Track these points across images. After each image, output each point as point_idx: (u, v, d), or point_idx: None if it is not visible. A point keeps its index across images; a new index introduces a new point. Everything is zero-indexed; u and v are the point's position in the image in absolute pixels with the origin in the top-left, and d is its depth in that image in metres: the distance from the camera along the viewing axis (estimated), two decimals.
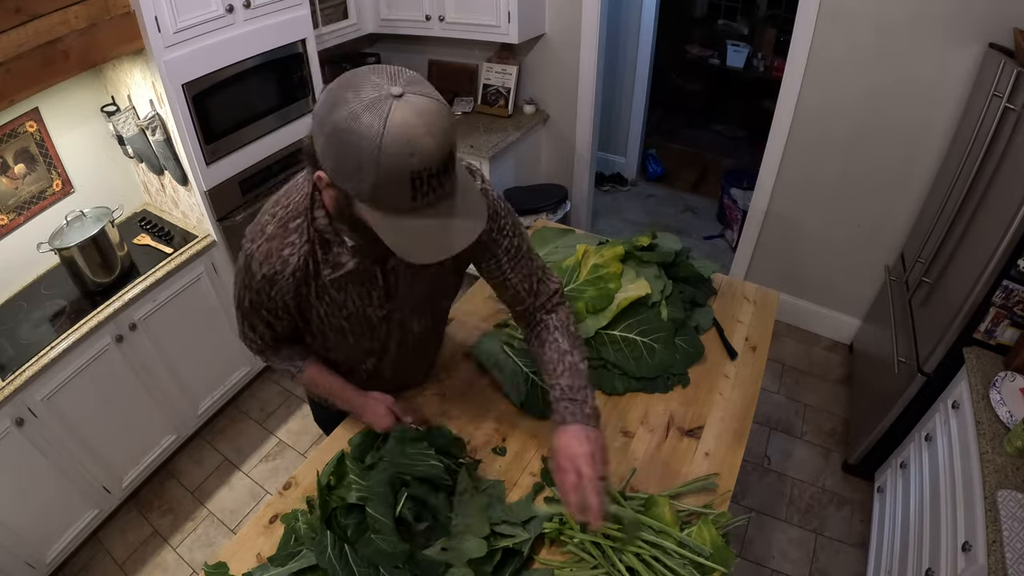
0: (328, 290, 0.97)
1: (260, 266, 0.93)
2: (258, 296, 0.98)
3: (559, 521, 1.06)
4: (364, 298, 1.01)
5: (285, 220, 0.91)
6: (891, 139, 2.26)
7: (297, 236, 0.90)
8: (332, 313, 1.02)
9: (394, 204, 0.71)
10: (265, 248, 0.92)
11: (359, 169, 0.68)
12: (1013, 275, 1.56)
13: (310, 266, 0.93)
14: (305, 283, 0.95)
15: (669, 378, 1.37)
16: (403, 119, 0.65)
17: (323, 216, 0.89)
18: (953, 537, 1.37)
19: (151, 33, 1.76)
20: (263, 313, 1.02)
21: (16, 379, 1.68)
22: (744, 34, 4.30)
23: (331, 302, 1.00)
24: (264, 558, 1.04)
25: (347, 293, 0.99)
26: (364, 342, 1.12)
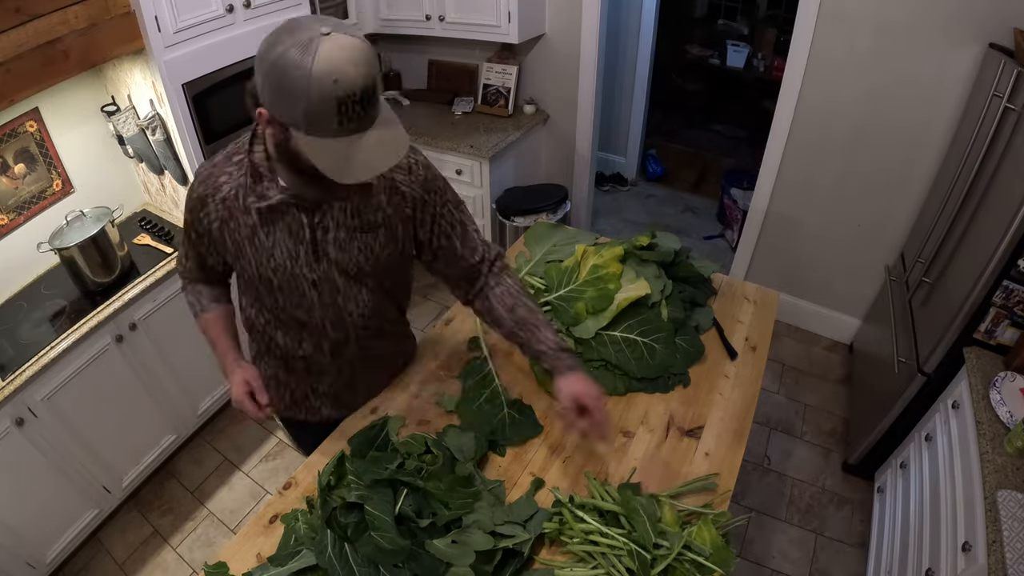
0: (256, 232, 1.01)
1: (197, 186, 1.03)
2: (190, 215, 1.06)
3: (559, 521, 1.06)
4: (292, 251, 1.02)
5: (231, 153, 1.02)
6: (891, 139, 2.26)
7: (235, 168, 1.00)
8: (260, 260, 1.03)
9: (323, 128, 0.79)
10: (206, 172, 1.02)
11: (292, 98, 0.77)
12: (1013, 275, 1.56)
13: (239, 197, 0.99)
14: (232, 217, 1.01)
15: (669, 378, 1.37)
16: (328, 52, 0.75)
17: (261, 151, 0.97)
18: (953, 537, 1.37)
19: (151, 33, 1.76)
20: (192, 236, 1.10)
21: (16, 379, 1.68)
22: (744, 34, 4.30)
23: (260, 246, 1.02)
24: (264, 558, 1.04)
25: (275, 239, 1.01)
26: (295, 309, 1.10)
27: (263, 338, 1.21)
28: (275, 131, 0.86)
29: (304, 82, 0.75)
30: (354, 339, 1.18)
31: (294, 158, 0.88)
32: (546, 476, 1.19)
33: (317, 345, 1.16)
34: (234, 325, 1.23)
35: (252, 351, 1.30)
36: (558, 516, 1.07)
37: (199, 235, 1.08)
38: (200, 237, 1.09)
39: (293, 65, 0.75)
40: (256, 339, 1.25)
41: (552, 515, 1.07)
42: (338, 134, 0.80)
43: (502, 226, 2.94)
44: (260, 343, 1.24)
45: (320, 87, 0.75)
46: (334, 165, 0.81)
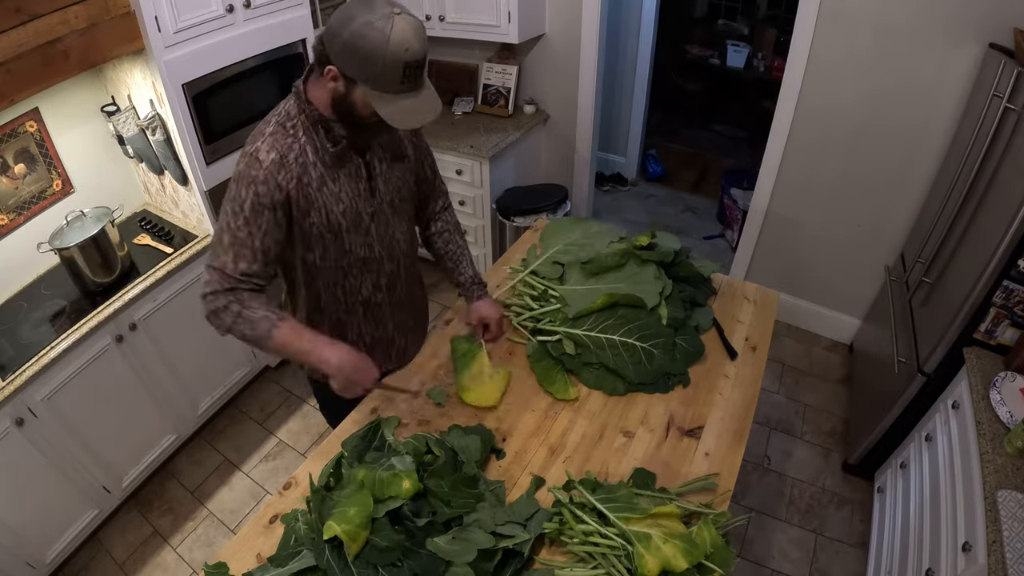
0: (326, 180, 1.13)
1: (267, 153, 1.08)
2: (265, 187, 1.07)
3: (559, 521, 1.06)
4: (354, 189, 1.18)
5: (281, 122, 1.11)
6: (891, 139, 2.26)
7: (294, 131, 1.10)
8: (331, 207, 1.15)
9: (388, 85, 0.99)
10: (269, 140, 1.09)
11: (370, 60, 0.96)
12: (1013, 275, 1.56)
13: (309, 154, 1.11)
14: (306, 172, 1.11)
15: (669, 378, 1.37)
16: (402, 27, 0.95)
17: (315, 111, 1.09)
18: (953, 537, 1.37)
19: (151, 33, 1.76)
20: (264, 214, 1.08)
21: (16, 379, 1.68)
22: (744, 34, 4.30)
23: (329, 193, 1.14)
24: (264, 558, 1.05)
25: (341, 184, 1.15)
26: (359, 248, 1.23)
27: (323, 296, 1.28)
28: (337, 86, 1.02)
29: (384, 49, 0.94)
30: (402, 271, 1.35)
31: (350, 109, 1.05)
32: (546, 476, 1.19)
33: (376, 283, 1.31)
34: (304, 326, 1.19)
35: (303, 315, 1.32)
36: (558, 516, 1.07)
37: (273, 206, 1.08)
38: (274, 208, 1.09)
39: (375, 35, 0.94)
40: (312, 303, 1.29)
41: (552, 515, 1.08)
42: (398, 91, 1.00)
43: (502, 226, 2.94)
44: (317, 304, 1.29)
45: (395, 52, 0.95)
46: (394, 114, 1.01)
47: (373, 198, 1.21)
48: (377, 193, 1.22)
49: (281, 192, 1.09)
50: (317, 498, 1.05)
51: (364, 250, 1.24)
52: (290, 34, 2.16)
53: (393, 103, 1.00)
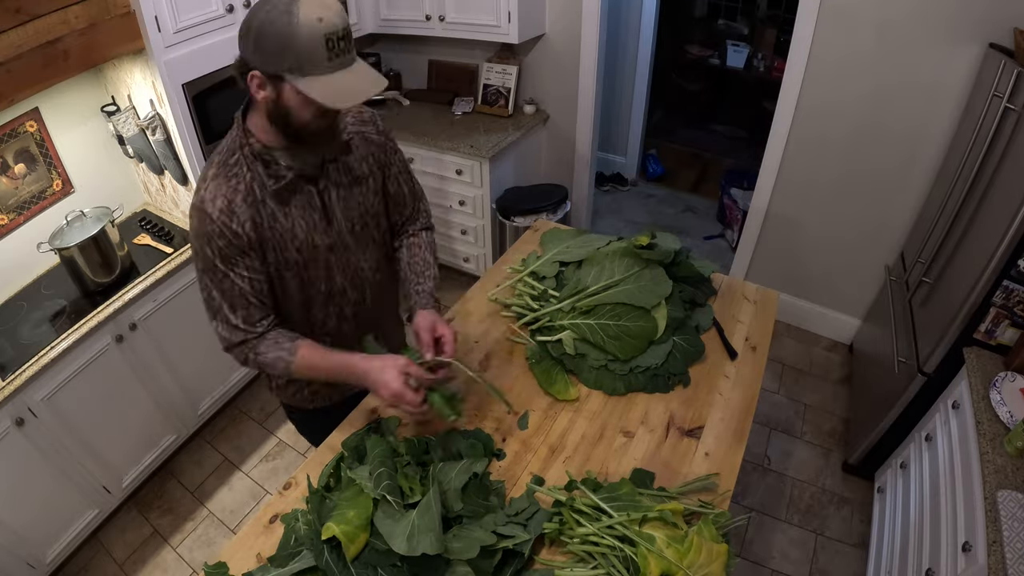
0: (277, 217, 1.06)
1: (213, 203, 1.01)
2: (223, 239, 1.02)
3: (559, 521, 1.06)
4: (308, 222, 1.10)
5: (223, 160, 1.04)
6: (891, 139, 2.26)
7: (238, 168, 1.03)
8: (285, 244, 1.08)
9: (316, 64, 0.89)
10: (212, 187, 1.02)
11: (284, 45, 0.88)
12: (1013, 275, 1.56)
13: (256, 191, 1.03)
14: (257, 212, 1.04)
15: (669, 378, 1.37)
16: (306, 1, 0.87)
17: (256, 142, 1.03)
18: (953, 537, 1.37)
19: (151, 33, 1.76)
20: (236, 261, 1.04)
21: (16, 379, 1.68)
22: (744, 34, 4.30)
23: (282, 231, 1.07)
24: (264, 558, 1.04)
25: (293, 218, 1.08)
26: (319, 282, 1.16)
27: (292, 327, 1.22)
28: (267, 93, 0.94)
29: (295, 27, 0.86)
30: (370, 297, 1.28)
31: (287, 115, 0.96)
32: (546, 476, 1.19)
33: (341, 314, 1.24)
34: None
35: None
36: (558, 516, 1.07)
37: (242, 252, 1.03)
38: (244, 253, 1.04)
39: (281, 17, 0.86)
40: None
41: (552, 515, 1.07)
42: (328, 69, 0.90)
43: (502, 226, 2.94)
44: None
45: (309, 28, 0.86)
46: (330, 95, 0.91)
47: (330, 227, 1.13)
48: (334, 222, 1.13)
49: (240, 238, 1.02)
50: (316, 499, 1.05)
51: (324, 284, 1.17)
52: None
53: (326, 83, 0.90)
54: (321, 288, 1.18)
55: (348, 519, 0.99)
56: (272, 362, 1.11)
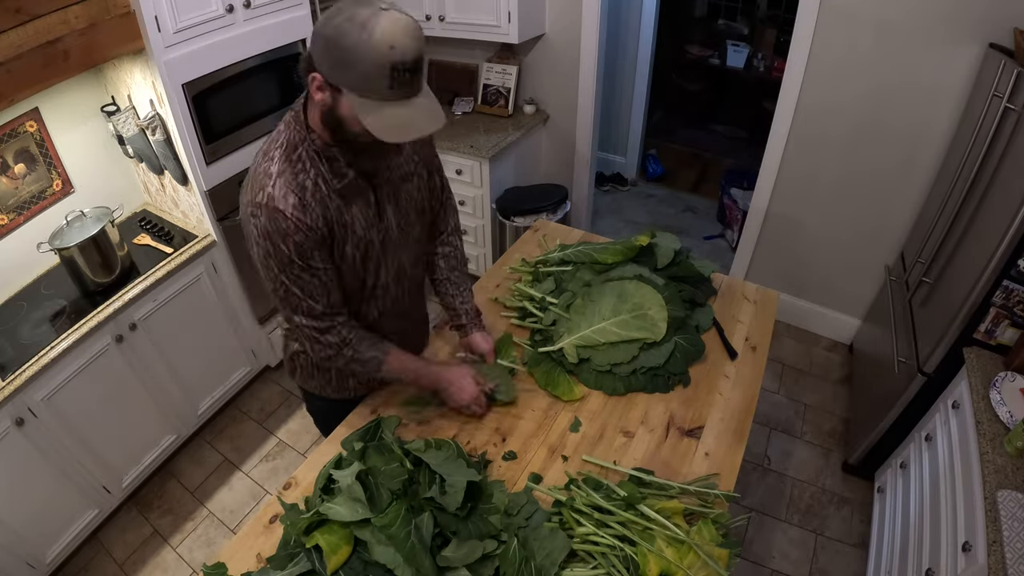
0: (342, 214, 1.05)
1: (285, 200, 0.98)
2: (300, 235, 1.00)
3: (559, 521, 1.06)
4: (365, 219, 1.09)
5: (286, 154, 1.00)
6: (891, 139, 2.26)
7: (302, 164, 1.01)
8: (345, 240, 1.08)
9: (376, 90, 0.87)
10: (281, 183, 0.99)
11: (350, 60, 0.85)
12: (1013, 275, 1.56)
13: (321, 187, 1.02)
14: (325, 207, 1.03)
15: (669, 377, 1.37)
16: (387, 22, 0.84)
17: (318, 138, 1.00)
18: (953, 537, 1.37)
19: (151, 33, 1.76)
20: (313, 255, 1.03)
21: (16, 379, 1.68)
22: (744, 34, 4.30)
23: (345, 227, 1.07)
24: (264, 558, 1.04)
25: (353, 214, 1.07)
26: (369, 275, 1.17)
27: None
28: (324, 96, 0.92)
29: (365, 46, 0.83)
30: (407, 295, 1.29)
31: (339, 123, 0.94)
32: (546, 476, 1.19)
33: (383, 308, 1.25)
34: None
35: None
36: (558, 516, 1.07)
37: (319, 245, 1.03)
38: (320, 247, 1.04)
39: (356, 31, 0.83)
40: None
41: (552, 515, 1.08)
42: (388, 97, 0.88)
43: (502, 226, 2.93)
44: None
45: (378, 51, 0.83)
46: (380, 125, 0.89)
47: (381, 223, 1.13)
48: (385, 218, 1.13)
49: (316, 232, 1.02)
50: (295, 514, 1.05)
51: (372, 278, 1.18)
52: (290, 34, 2.16)
53: (380, 112, 0.88)
54: (368, 283, 1.19)
55: (335, 529, 0.99)
56: (367, 360, 1.17)
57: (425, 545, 0.98)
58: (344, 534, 0.99)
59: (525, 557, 0.99)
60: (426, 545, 0.98)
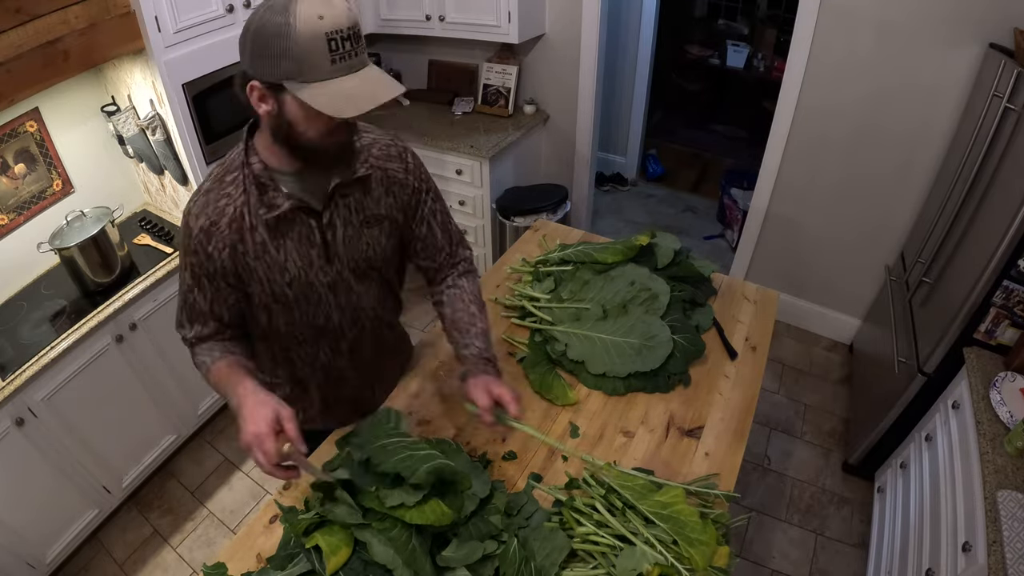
0: (267, 248, 0.98)
1: (196, 219, 0.96)
2: (196, 257, 0.98)
3: (559, 522, 1.06)
4: (305, 259, 1.01)
5: (221, 175, 0.97)
6: (891, 139, 2.26)
7: (233, 188, 0.96)
8: (273, 277, 1.01)
9: (317, 69, 0.79)
10: (202, 201, 0.96)
11: (282, 48, 0.78)
12: (1013, 275, 1.56)
13: (246, 217, 0.96)
14: (241, 239, 0.97)
15: (669, 377, 1.37)
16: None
17: (258, 162, 0.95)
18: (953, 537, 1.37)
19: (151, 33, 1.76)
20: (203, 282, 1.01)
21: (16, 379, 1.68)
22: (744, 34, 4.30)
23: (271, 263, 1.00)
24: (264, 558, 1.04)
25: (286, 251, 1.00)
26: (313, 319, 1.09)
27: (277, 360, 1.19)
28: (269, 106, 0.86)
29: (291, 27, 0.77)
30: (369, 332, 1.19)
31: (289, 130, 0.87)
32: (546, 476, 1.19)
33: (335, 348, 1.17)
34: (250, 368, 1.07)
35: (267, 369, 1.24)
36: (558, 516, 1.07)
37: (210, 276, 1.00)
38: (210, 278, 1.00)
39: (278, 16, 0.77)
40: (267, 362, 1.21)
41: (552, 515, 1.08)
42: (332, 74, 0.80)
43: (502, 226, 2.93)
44: (273, 368, 1.22)
45: (307, 26, 0.77)
46: (334, 103, 0.80)
47: (330, 266, 1.04)
48: (336, 260, 1.04)
49: (214, 263, 0.97)
50: (293, 516, 1.04)
51: (321, 319, 1.10)
52: None
53: (330, 89, 0.80)
54: (317, 323, 1.11)
55: (335, 530, 0.99)
56: (198, 364, 1.07)
57: (425, 546, 0.98)
58: (344, 535, 0.99)
59: (525, 557, 0.99)
60: (426, 546, 0.98)
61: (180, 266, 1.03)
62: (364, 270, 1.09)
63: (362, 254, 1.07)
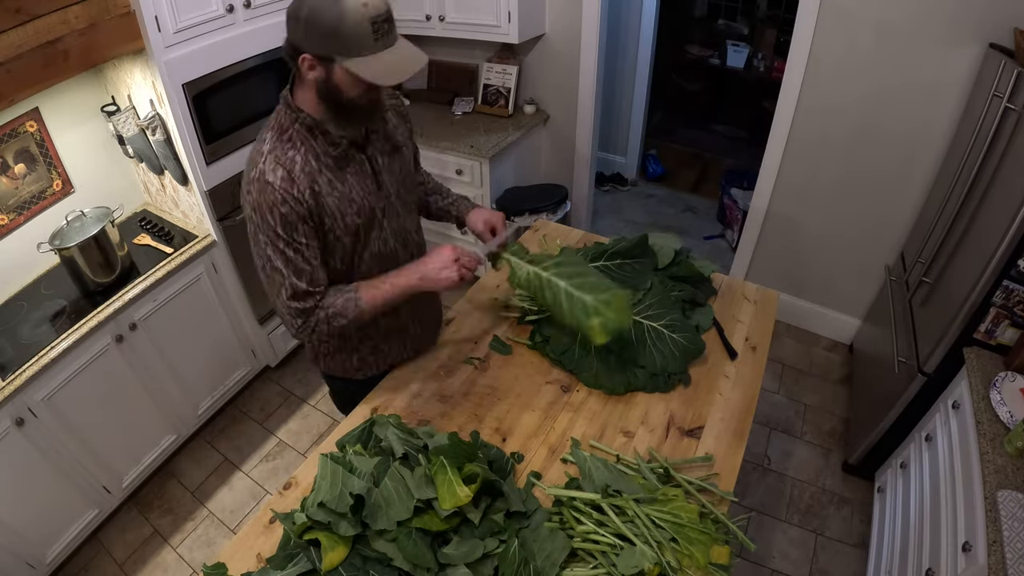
0: (335, 184, 1.12)
1: (274, 173, 1.06)
2: (285, 206, 1.06)
3: (559, 521, 1.06)
4: (364, 187, 1.17)
5: (277, 135, 1.09)
6: (891, 139, 2.26)
7: (292, 143, 1.09)
8: (345, 210, 1.14)
9: (363, 46, 0.97)
10: (271, 159, 1.07)
11: (334, 31, 0.95)
12: (1013, 275, 1.56)
13: (312, 162, 1.09)
14: (315, 180, 1.10)
15: (669, 377, 1.37)
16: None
17: (307, 117, 1.08)
18: (953, 537, 1.37)
19: (151, 33, 1.76)
20: (297, 228, 1.08)
21: (16, 379, 1.68)
22: (744, 34, 4.30)
23: (341, 196, 1.13)
24: (264, 558, 1.04)
25: (349, 184, 1.15)
26: (375, 244, 1.23)
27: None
28: (317, 73, 1.01)
29: (342, 14, 0.93)
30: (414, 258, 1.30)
31: (337, 94, 1.03)
32: (546, 476, 1.19)
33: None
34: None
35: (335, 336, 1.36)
36: (558, 516, 1.07)
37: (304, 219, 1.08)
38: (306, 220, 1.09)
39: (329, 4, 0.94)
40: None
41: (552, 515, 1.08)
42: (376, 49, 0.97)
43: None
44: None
45: (356, 13, 0.94)
46: (378, 72, 0.99)
47: (380, 191, 1.21)
48: (384, 187, 1.22)
49: (302, 205, 1.08)
50: (290, 521, 1.04)
51: (380, 245, 1.24)
52: None
53: (374, 62, 0.98)
54: (376, 250, 1.24)
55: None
56: (343, 307, 1.17)
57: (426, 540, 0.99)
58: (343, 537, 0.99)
59: (524, 558, 0.99)
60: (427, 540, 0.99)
61: (265, 233, 1.08)
62: (402, 193, 1.27)
63: (396, 178, 1.24)
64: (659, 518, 1.03)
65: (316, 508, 0.99)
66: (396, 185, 1.24)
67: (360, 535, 1.00)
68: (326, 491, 1.00)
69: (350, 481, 1.01)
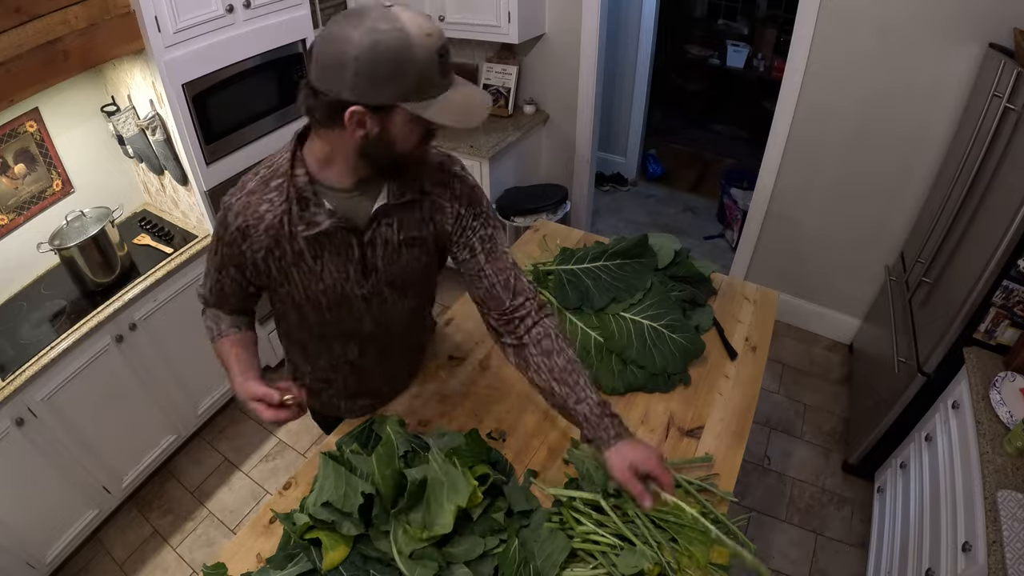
0: (304, 257, 0.98)
1: (235, 218, 0.97)
2: (229, 249, 1.00)
3: (559, 521, 1.06)
4: (341, 272, 1.01)
5: (267, 178, 0.96)
6: (891, 139, 2.26)
7: (276, 194, 0.95)
8: (308, 284, 1.02)
9: (431, 84, 0.80)
10: (243, 201, 0.96)
11: (401, 68, 0.77)
12: (1013, 275, 1.56)
13: (284, 225, 0.95)
14: (278, 245, 0.97)
15: (669, 377, 1.37)
16: (407, 16, 0.78)
17: (304, 175, 0.93)
18: (953, 537, 1.38)
19: (151, 33, 1.76)
20: (231, 270, 1.04)
21: (16, 379, 1.68)
22: (744, 34, 4.30)
23: (308, 271, 1.00)
24: (264, 558, 1.04)
25: (323, 263, 1.00)
26: (344, 323, 1.10)
27: (304, 354, 1.23)
28: (369, 127, 0.82)
29: (409, 46, 0.76)
30: (399, 337, 1.22)
31: (389, 147, 0.85)
32: (546, 476, 1.19)
33: (363, 350, 1.19)
34: (254, 349, 1.14)
35: (289, 367, 1.32)
36: (558, 516, 1.07)
37: (238, 267, 1.02)
38: (240, 269, 1.02)
39: (391, 36, 0.75)
40: (296, 353, 1.25)
41: (552, 515, 1.08)
42: (440, 88, 0.81)
43: (502, 226, 2.94)
44: (301, 356, 1.24)
45: (422, 44, 0.77)
46: (456, 116, 0.82)
47: (366, 280, 1.03)
48: (373, 274, 1.03)
49: (245, 259, 0.99)
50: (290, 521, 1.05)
51: (352, 325, 1.10)
52: (290, 34, 2.16)
53: (445, 104, 0.81)
54: (348, 327, 1.11)
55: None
56: (206, 327, 1.14)
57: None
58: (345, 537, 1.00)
59: (525, 558, 0.99)
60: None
61: (211, 245, 1.06)
62: (401, 285, 1.09)
63: (401, 270, 1.06)
64: (659, 518, 1.03)
65: (320, 507, 0.99)
66: (395, 275, 1.05)
67: (361, 535, 1.00)
68: (330, 490, 1.00)
69: (354, 481, 1.01)
